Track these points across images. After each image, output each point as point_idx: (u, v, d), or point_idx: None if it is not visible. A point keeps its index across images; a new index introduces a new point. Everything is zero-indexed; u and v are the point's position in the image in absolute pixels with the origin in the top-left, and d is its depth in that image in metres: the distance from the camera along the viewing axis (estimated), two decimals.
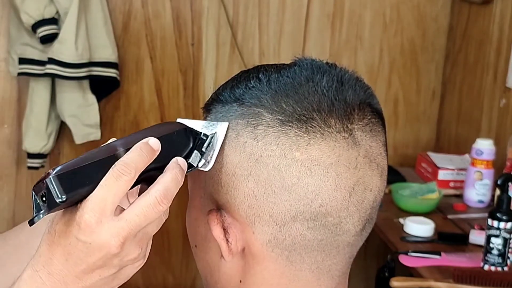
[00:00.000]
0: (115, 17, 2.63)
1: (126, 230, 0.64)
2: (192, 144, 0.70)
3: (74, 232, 0.64)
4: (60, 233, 0.65)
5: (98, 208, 0.63)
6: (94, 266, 0.65)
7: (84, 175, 0.64)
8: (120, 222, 0.64)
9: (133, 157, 0.65)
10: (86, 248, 0.64)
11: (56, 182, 0.63)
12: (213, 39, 2.71)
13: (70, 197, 0.63)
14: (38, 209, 0.64)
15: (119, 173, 0.64)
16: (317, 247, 0.69)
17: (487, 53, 2.52)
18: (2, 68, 2.61)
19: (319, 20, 2.76)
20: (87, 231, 0.64)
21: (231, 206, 0.70)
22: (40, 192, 0.64)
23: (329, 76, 0.69)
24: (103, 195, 0.64)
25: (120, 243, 0.64)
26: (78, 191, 0.64)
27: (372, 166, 0.69)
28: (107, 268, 0.66)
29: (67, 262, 0.65)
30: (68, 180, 0.63)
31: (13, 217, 2.71)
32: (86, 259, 0.65)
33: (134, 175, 0.65)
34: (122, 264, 0.66)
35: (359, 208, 0.69)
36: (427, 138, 2.90)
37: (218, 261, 0.73)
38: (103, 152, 0.66)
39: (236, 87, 0.71)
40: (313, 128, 0.67)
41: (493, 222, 1.79)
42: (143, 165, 0.65)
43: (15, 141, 2.65)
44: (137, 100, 2.73)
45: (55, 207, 0.63)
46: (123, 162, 0.65)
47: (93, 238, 0.64)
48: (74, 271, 0.65)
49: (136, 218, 0.64)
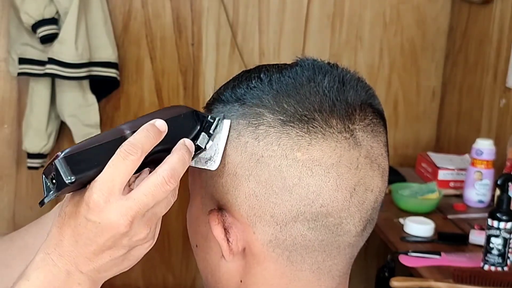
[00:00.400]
0: (115, 17, 2.63)
1: (134, 209, 0.65)
2: (200, 126, 0.70)
3: (83, 212, 0.65)
4: (69, 215, 0.66)
5: (106, 188, 0.64)
6: (104, 246, 0.66)
7: (92, 157, 0.65)
8: (128, 201, 0.65)
9: (139, 138, 0.66)
10: (95, 228, 0.65)
11: (64, 164, 0.64)
12: (213, 39, 2.71)
13: (78, 178, 0.64)
14: (48, 191, 0.65)
15: (126, 153, 0.65)
16: (318, 248, 0.69)
17: (487, 53, 2.52)
18: (2, 68, 2.61)
19: (319, 20, 2.76)
20: (95, 210, 0.64)
21: (232, 206, 0.70)
22: (50, 174, 0.65)
23: (330, 77, 0.69)
24: (110, 175, 0.65)
25: (128, 222, 0.65)
26: (86, 172, 0.65)
27: (373, 167, 0.69)
28: (117, 249, 0.66)
29: (77, 243, 0.66)
30: (76, 162, 0.64)
31: (13, 217, 2.71)
32: (95, 239, 0.65)
33: (141, 155, 0.65)
34: (131, 244, 0.67)
35: (360, 209, 0.69)
36: (427, 138, 2.90)
37: (218, 261, 0.73)
38: (110, 134, 0.67)
39: (237, 87, 0.71)
40: (314, 128, 0.67)
41: (493, 222, 1.79)
42: (149, 145, 0.66)
43: (15, 141, 2.65)
44: (137, 100, 2.73)
45: (63, 187, 0.64)
46: (130, 142, 0.65)
47: (102, 218, 0.64)
48: (85, 252, 0.66)
49: (144, 197, 0.65)
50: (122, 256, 0.67)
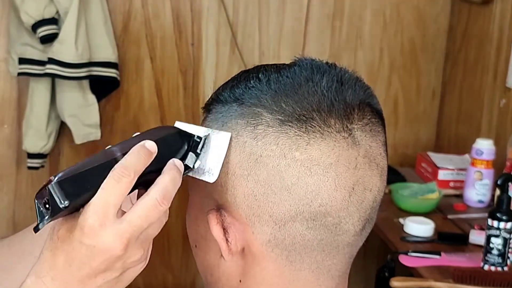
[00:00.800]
0: (115, 17, 2.63)
1: (129, 231, 0.65)
2: (187, 146, 0.71)
3: (77, 236, 0.65)
4: (63, 239, 0.66)
5: (101, 211, 0.64)
6: (98, 269, 0.66)
7: (85, 180, 0.65)
8: (123, 224, 0.65)
9: (131, 160, 0.66)
10: (90, 252, 0.65)
11: (58, 188, 0.64)
12: (213, 39, 2.71)
13: (72, 203, 0.64)
14: (42, 216, 0.65)
15: (119, 175, 0.65)
16: (316, 247, 0.69)
17: (487, 53, 2.52)
18: (2, 68, 2.61)
19: (319, 20, 2.76)
20: (90, 234, 0.64)
21: (231, 206, 0.70)
22: (43, 199, 0.65)
23: (329, 76, 0.69)
24: (104, 198, 0.64)
25: (124, 245, 0.65)
26: (80, 197, 0.65)
27: (372, 166, 0.69)
28: (110, 272, 0.66)
29: (70, 267, 0.66)
30: (70, 186, 0.64)
31: (13, 217, 2.71)
32: (89, 263, 0.65)
33: (134, 177, 0.65)
34: (125, 266, 0.67)
35: (358, 208, 0.69)
36: (427, 138, 2.90)
37: (218, 261, 0.73)
38: (101, 157, 0.67)
39: (236, 87, 0.71)
40: (312, 128, 0.67)
41: (493, 222, 1.79)
42: (141, 167, 0.66)
43: (15, 141, 2.65)
44: (137, 100, 2.73)
45: (58, 213, 0.64)
46: (122, 165, 0.65)
47: (97, 241, 0.64)
48: (78, 275, 0.66)
49: (138, 219, 0.65)
50: (116, 279, 0.67)
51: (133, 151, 0.67)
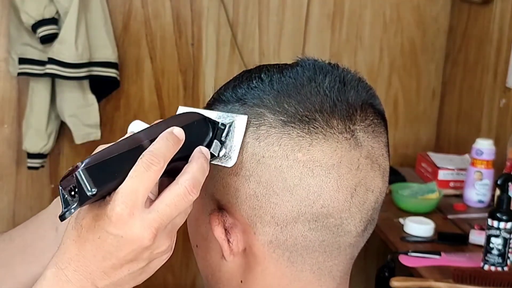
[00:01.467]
0: (115, 17, 2.63)
1: (158, 221, 0.63)
2: (212, 133, 0.69)
3: (104, 225, 0.63)
4: (87, 228, 0.64)
5: (130, 200, 0.62)
6: (124, 260, 0.64)
7: (112, 167, 0.63)
8: (152, 214, 0.63)
9: (160, 147, 0.64)
10: (117, 242, 0.63)
11: (86, 175, 0.61)
12: (213, 39, 2.71)
13: (100, 190, 0.62)
14: (66, 204, 0.63)
15: (148, 163, 0.63)
16: (318, 248, 0.69)
17: (487, 53, 2.52)
18: (2, 68, 2.61)
19: (319, 20, 2.76)
20: (118, 224, 0.62)
21: (233, 207, 0.70)
22: (68, 186, 0.63)
23: (331, 77, 0.69)
24: (133, 187, 0.62)
25: (153, 235, 0.63)
26: (107, 184, 0.62)
27: (374, 167, 0.69)
28: (137, 262, 0.64)
29: (95, 258, 0.63)
30: (97, 173, 0.62)
31: (13, 217, 2.71)
32: (116, 253, 0.63)
33: (163, 164, 0.63)
34: (152, 257, 0.65)
35: (360, 209, 0.69)
36: (427, 138, 2.90)
37: (219, 261, 0.73)
38: (128, 143, 0.65)
39: (238, 87, 0.71)
40: (315, 129, 0.67)
41: (493, 222, 1.79)
42: (170, 154, 0.64)
43: (15, 141, 2.65)
44: (137, 100, 2.73)
45: (86, 200, 0.62)
46: (151, 152, 0.63)
47: (125, 231, 0.62)
48: (103, 266, 0.64)
49: (167, 208, 0.63)
50: (140, 270, 0.65)
51: (162, 138, 0.65)
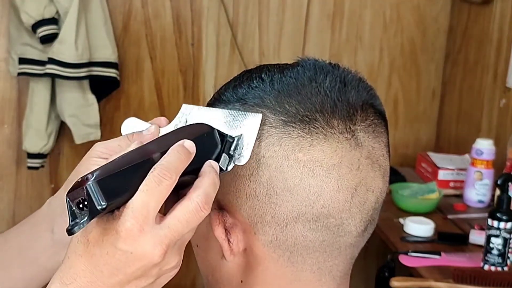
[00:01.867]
0: (115, 17, 2.63)
1: (169, 237, 0.61)
2: (221, 146, 0.67)
3: (112, 241, 0.61)
4: (94, 243, 0.62)
5: (140, 215, 0.60)
6: (132, 276, 0.62)
7: (122, 181, 0.60)
8: (163, 230, 0.61)
9: (171, 161, 0.62)
10: (125, 258, 0.61)
11: (97, 188, 0.59)
12: (213, 39, 2.71)
13: (110, 204, 0.59)
14: (74, 216, 0.60)
15: (160, 177, 0.61)
16: (318, 248, 0.69)
17: (487, 53, 2.52)
18: (2, 68, 2.61)
19: (319, 20, 2.76)
20: (128, 239, 0.60)
21: (233, 207, 0.69)
22: (77, 198, 0.60)
23: (332, 77, 0.69)
24: (144, 201, 0.60)
25: (163, 251, 0.61)
26: (118, 198, 0.60)
27: (374, 167, 0.69)
28: (145, 278, 0.63)
29: (102, 274, 0.62)
30: (108, 186, 0.59)
31: (13, 217, 2.71)
32: (124, 269, 0.61)
33: (175, 179, 0.62)
34: (160, 273, 0.63)
35: (361, 209, 0.69)
36: (427, 138, 2.90)
37: (219, 261, 0.73)
38: (138, 155, 0.62)
39: (238, 86, 0.71)
40: (316, 129, 0.67)
41: (493, 222, 1.79)
42: (182, 168, 0.62)
43: (15, 141, 2.65)
44: (137, 100, 2.73)
45: (96, 214, 0.59)
46: (163, 166, 0.61)
47: (135, 247, 0.60)
48: (110, 282, 0.62)
49: (179, 224, 0.62)
50: (148, 286, 0.64)
51: (173, 151, 0.63)
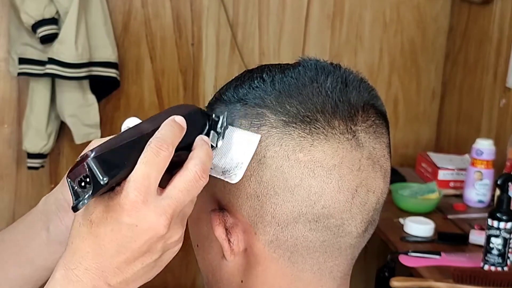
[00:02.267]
0: (115, 17, 2.63)
1: (172, 207, 0.62)
2: (208, 124, 0.69)
3: (116, 216, 0.61)
4: (98, 222, 0.62)
5: (142, 186, 0.61)
6: (138, 252, 0.62)
7: (121, 156, 0.62)
8: (166, 200, 0.62)
9: (166, 133, 0.64)
10: (131, 232, 0.61)
11: (97, 163, 0.60)
12: (213, 39, 2.71)
13: (111, 179, 0.60)
14: (76, 196, 0.61)
15: (157, 149, 0.62)
16: (319, 248, 0.69)
17: (487, 53, 2.52)
18: (2, 68, 2.61)
19: (319, 20, 2.76)
20: (132, 212, 0.61)
21: (234, 207, 0.69)
22: (78, 177, 0.60)
23: (333, 77, 0.69)
24: (145, 173, 0.61)
25: (168, 221, 0.62)
26: (118, 173, 0.61)
27: (375, 168, 0.69)
28: (151, 254, 0.63)
29: (107, 253, 0.62)
30: (108, 162, 0.60)
31: (13, 217, 2.71)
32: (130, 244, 0.62)
33: (172, 150, 0.63)
34: (165, 247, 0.64)
35: (361, 210, 0.69)
36: (427, 138, 2.90)
37: (219, 261, 0.73)
38: (133, 132, 0.64)
39: (239, 86, 0.71)
40: (316, 129, 0.67)
41: (493, 222, 1.79)
42: (176, 141, 0.64)
43: (15, 141, 2.65)
44: (137, 100, 2.73)
45: (100, 189, 0.60)
46: (159, 138, 0.63)
47: (140, 219, 0.61)
48: (116, 261, 0.62)
49: (180, 194, 0.63)
50: (153, 263, 0.64)
51: (166, 125, 0.64)
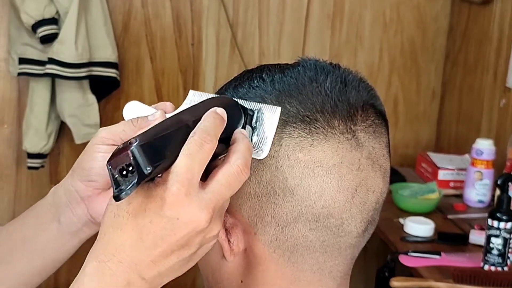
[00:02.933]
0: (115, 17, 2.63)
1: (214, 202, 0.61)
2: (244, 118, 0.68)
3: (156, 208, 0.60)
4: (135, 213, 0.61)
5: (186, 179, 0.60)
6: (175, 245, 0.61)
7: (163, 146, 0.60)
8: (208, 194, 0.61)
9: (209, 125, 0.62)
10: (171, 225, 0.60)
11: (141, 152, 0.58)
12: (213, 39, 2.71)
13: (154, 169, 0.58)
14: (117, 184, 0.59)
15: (201, 141, 0.61)
16: (319, 248, 0.69)
17: (487, 53, 2.52)
18: (2, 68, 2.61)
19: (319, 20, 2.76)
20: (174, 205, 0.59)
21: (233, 207, 0.69)
22: (121, 165, 0.58)
23: (332, 77, 0.69)
24: (188, 165, 0.60)
25: (210, 216, 0.60)
26: (160, 163, 0.59)
27: (375, 168, 0.69)
28: (188, 248, 0.62)
29: (143, 245, 0.60)
30: (152, 150, 0.58)
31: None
32: (168, 238, 0.60)
33: (215, 142, 0.62)
34: (203, 242, 0.63)
35: (361, 210, 0.69)
36: (427, 138, 2.90)
37: (219, 261, 0.72)
38: (174, 122, 0.62)
39: (239, 86, 0.71)
40: (316, 129, 0.67)
41: (493, 222, 1.79)
42: (219, 133, 0.62)
43: (15, 141, 2.65)
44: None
45: (144, 178, 0.58)
46: (202, 130, 0.61)
47: (181, 213, 0.60)
48: (151, 254, 0.61)
49: (222, 188, 0.61)
50: (189, 257, 0.63)
51: (208, 117, 0.63)
